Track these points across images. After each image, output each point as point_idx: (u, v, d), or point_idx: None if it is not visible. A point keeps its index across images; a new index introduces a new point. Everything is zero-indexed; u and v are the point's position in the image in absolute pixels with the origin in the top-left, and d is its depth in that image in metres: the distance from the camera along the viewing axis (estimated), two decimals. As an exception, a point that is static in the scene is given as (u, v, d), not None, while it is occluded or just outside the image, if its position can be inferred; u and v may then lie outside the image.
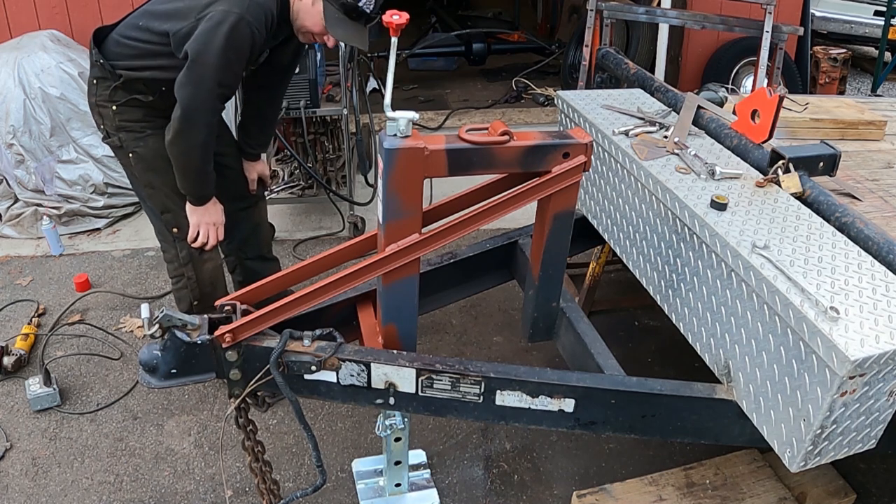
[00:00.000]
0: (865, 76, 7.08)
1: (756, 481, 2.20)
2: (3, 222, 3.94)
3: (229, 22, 2.09)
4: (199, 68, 2.12)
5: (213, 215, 2.42)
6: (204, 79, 2.13)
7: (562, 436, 2.59)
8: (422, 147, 1.58)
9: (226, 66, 2.14)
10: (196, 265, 2.53)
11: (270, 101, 2.72)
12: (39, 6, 4.26)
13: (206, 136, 2.22)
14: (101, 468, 2.46)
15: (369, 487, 2.34)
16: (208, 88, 2.15)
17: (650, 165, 2.01)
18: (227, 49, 2.11)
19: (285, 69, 2.67)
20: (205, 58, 2.11)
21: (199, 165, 2.28)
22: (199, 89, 2.14)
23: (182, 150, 2.23)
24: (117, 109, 2.34)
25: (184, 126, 2.17)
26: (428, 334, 3.12)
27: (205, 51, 2.11)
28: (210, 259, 2.56)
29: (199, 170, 2.29)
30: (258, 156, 2.78)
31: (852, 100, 2.82)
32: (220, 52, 2.10)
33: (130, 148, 2.38)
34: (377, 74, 5.09)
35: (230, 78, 2.21)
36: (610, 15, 3.58)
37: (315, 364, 1.72)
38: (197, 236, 2.43)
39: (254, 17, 2.13)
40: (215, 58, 2.11)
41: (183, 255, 2.52)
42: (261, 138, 2.76)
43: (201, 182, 2.33)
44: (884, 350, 1.38)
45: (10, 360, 2.85)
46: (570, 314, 2.09)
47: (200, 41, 2.11)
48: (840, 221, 1.80)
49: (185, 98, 2.15)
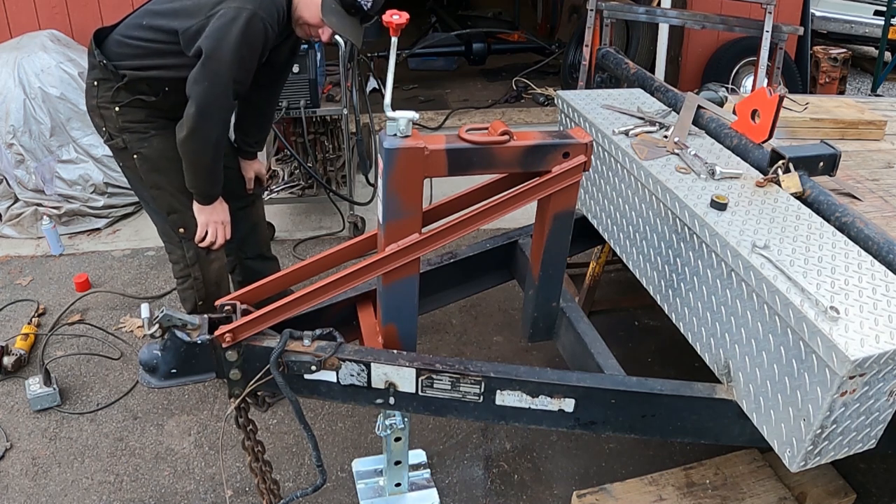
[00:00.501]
0: (865, 76, 7.09)
1: (756, 481, 2.20)
2: (3, 222, 3.94)
3: (243, 17, 2.10)
4: (213, 64, 2.12)
5: (221, 214, 2.42)
6: (219, 75, 2.13)
7: (562, 436, 2.59)
8: (422, 147, 1.58)
9: (240, 62, 2.15)
10: (203, 265, 2.52)
11: (268, 99, 2.72)
12: (39, 6, 4.26)
13: (220, 132, 2.23)
14: (101, 468, 2.46)
15: (369, 487, 2.34)
16: (224, 84, 2.15)
17: (650, 165, 2.01)
18: (241, 45, 2.11)
19: (282, 67, 2.67)
20: (220, 54, 2.11)
21: (211, 163, 2.29)
22: (215, 86, 2.14)
23: (196, 148, 2.23)
24: (120, 110, 2.33)
25: (199, 123, 2.17)
26: (428, 334, 3.12)
27: (219, 47, 2.10)
28: (216, 259, 2.55)
29: (210, 168, 2.30)
30: (255, 154, 2.78)
31: (852, 100, 2.82)
32: (234, 48, 2.11)
33: (135, 149, 2.37)
34: (377, 74, 5.09)
35: (244, 74, 2.22)
36: (610, 15, 3.58)
37: (315, 364, 1.72)
38: (205, 236, 2.42)
39: (266, 12, 2.14)
40: (230, 53, 2.11)
41: (190, 256, 2.50)
42: (258, 137, 2.76)
43: (212, 180, 2.34)
44: (884, 350, 1.38)
45: (10, 359, 2.85)
46: (570, 314, 2.09)
47: (214, 37, 2.11)
48: (840, 221, 1.80)
49: (201, 94, 2.14)
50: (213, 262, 2.54)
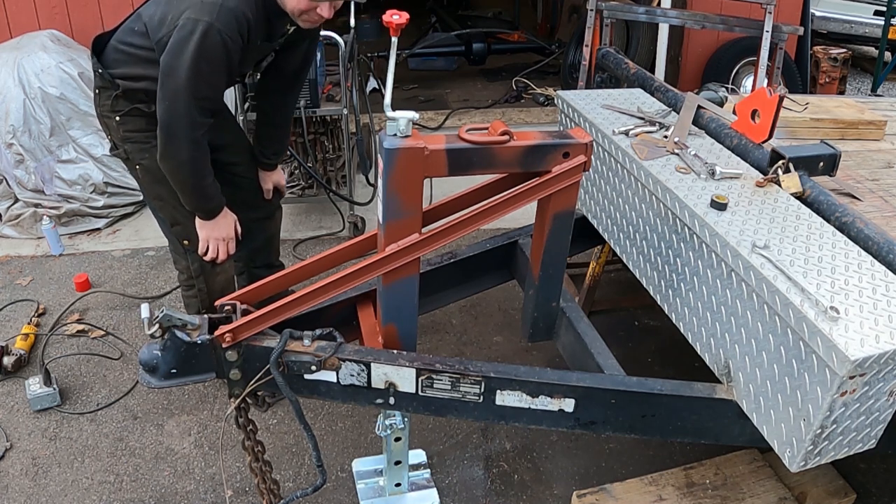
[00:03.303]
0: (865, 76, 7.09)
1: (756, 481, 2.20)
2: (3, 222, 3.94)
3: (198, 31, 2.00)
4: (170, 82, 2.05)
5: (223, 229, 2.35)
6: (177, 93, 2.05)
7: (562, 436, 2.59)
8: (422, 147, 1.58)
9: (198, 78, 2.04)
10: (208, 277, 2.48)
11: (281, 106, 2.63)
12: (39, 6, 4.26)
13: (190, 151, 2.13)
14: (101, 468, 2.46)
15: (369, 487, 2.34)
16: (183, 102, 2.06)
17: (650, 165, 2.01)
18: (197, 60, 2.01)
19: (295, 73, 2.58)
20: (176, 71, 2.03)
21: (191, 181, 2.20)
22: (175, 104, 2.06)
23: (170, 169, 2.17)
24: (120, 120, 2.27)
25: (166, 144, 2.11)
26: (428, 334, 3.11)
27: (176, 65, 2.03)
28: (222, 272, 2.51)
29: (193, 185, 2.22)
30: (274, 165, 2.70)
31: (852, 100, 2.82)
32: (191, 64, 2.01)
33: (136, 160, 2.32)
34: (377, 74, 5.10)
35: (206, 89, 2.10)
36: (610, 15, 3.58)
37: (315, 364, 1.72)
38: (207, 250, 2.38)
39: (224, 24, 2.02)
40: (186, 70, 2.02)
41: (195, 268, 2.47)
42: (274, 146, 2.67)
43: (200, 197, 2.26)
44: (884, 350, 1.38)
45: (10, 360, 2.85)
46: (570, 314, 2.09)
47: (171, 53, 2.04)
48: (840, 221, 1.80)
49: (162, 114, 2.08)
50: (218, 275, 2.50)
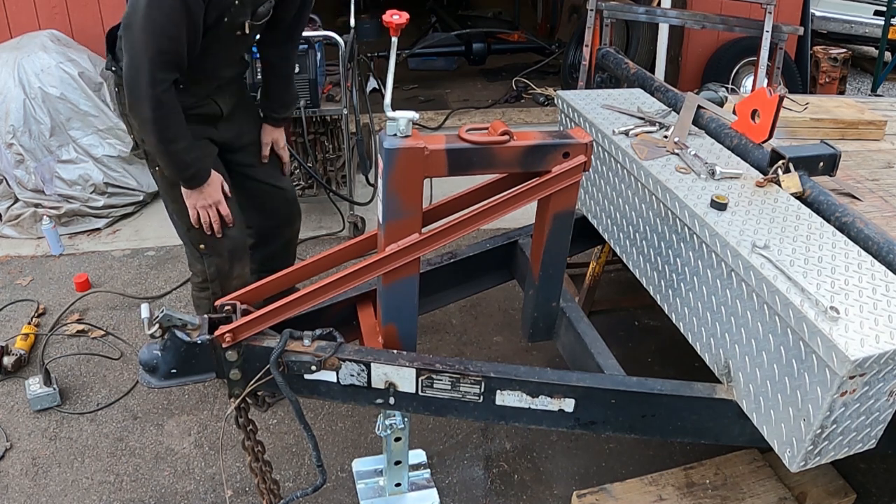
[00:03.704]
0: (865, 76, 7.09)
1: (756, 481, 2.20)
2: (3, 222, 3.94)
3: None
4: (129, 35, 2.00)
5: (210, 195, 2.27)
6: (135, 48, 1.99)
7: (562, 436, 2.59)
8: (422, 147, 1.58)
9: (155, 31, 1.97)
10: (223, 282, 2.45)
11: (284, 57, 2.59)
12: (39, 6, 4.25)
13: (152, 110, 2.04)
14: (101, 468, 2.46)
15: (369, 487, 2.34)
16: (142, 57, 1.99)
17: (650, 165, 2.01)
18: (150, 10, 1.95)
19: (292, 24, 2.52)
20: (132, 26, 1.98)
21: (160, 146, 2.11)
22: (133, 59, 2.00)
23: (137, 129, 2.12)
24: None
25: (130, 101, 2.05)
26: (428, 334, 3.11)
27: (132, 19, 1.98)
28: (238, 276, 2.48)
29: (164, 150, 2.12)
30: (283, 121, 2.63)
31: (852, 100, 2.82)
32: (144, 13, 1.95)
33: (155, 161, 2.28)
34: (377, 74, 5.10)
35: (166, 43, 2.01)
36: (610, 15, 3.58)
37: (315, 364, 1.72)
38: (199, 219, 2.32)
39: None
40: (141, 20, 1.96)
41: (211, 272, 2.44)
42: (283, 98, 2.60)
43: (172, 163, 2.17)
44: (884, 350, 1.38)
45: (10, 360, 2.85)
46: (570, 314, 2.09)
47: (130, 7, 1.99)
48: (840, 221, 1.80)
49: (125, 71, 2.03)
50: (234, 280, 2.47)
